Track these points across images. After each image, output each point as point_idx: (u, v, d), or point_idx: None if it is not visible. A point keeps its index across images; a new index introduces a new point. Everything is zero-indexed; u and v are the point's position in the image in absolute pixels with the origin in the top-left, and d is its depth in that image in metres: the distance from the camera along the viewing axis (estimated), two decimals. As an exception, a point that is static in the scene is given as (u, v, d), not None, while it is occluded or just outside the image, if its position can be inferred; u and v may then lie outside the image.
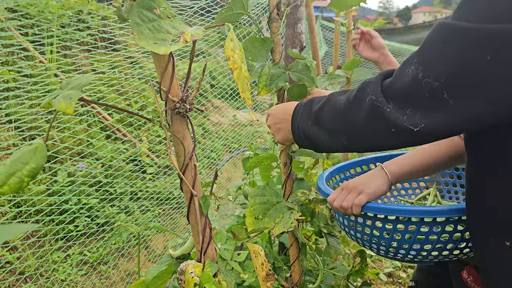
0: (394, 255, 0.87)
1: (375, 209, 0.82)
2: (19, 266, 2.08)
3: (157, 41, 0.49)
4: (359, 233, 0.88)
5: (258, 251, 0.80)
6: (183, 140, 0.63)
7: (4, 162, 0.44)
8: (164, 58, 0.58)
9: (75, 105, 0.45)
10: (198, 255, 0.68)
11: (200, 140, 4.34)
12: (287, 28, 1.90)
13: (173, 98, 0.60)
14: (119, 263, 2.61)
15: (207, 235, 0.67)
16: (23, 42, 2.71)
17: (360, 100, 0.63)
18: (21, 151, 0.46)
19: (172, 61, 0.59)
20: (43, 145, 0.47)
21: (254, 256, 0.79)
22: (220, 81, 5.10)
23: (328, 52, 6.12)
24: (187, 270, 0.64)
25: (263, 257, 0.80)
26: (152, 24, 0.51)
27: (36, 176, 0.45)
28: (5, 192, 0.42)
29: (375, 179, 0.87)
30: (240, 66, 0.54)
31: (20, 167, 0.43)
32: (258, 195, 0.94)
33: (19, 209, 1.90)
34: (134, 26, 0.49)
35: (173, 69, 0.59)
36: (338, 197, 0.86)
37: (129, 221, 2.91)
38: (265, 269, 0.79)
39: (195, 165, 0.65)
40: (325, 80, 1.51)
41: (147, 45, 0.48)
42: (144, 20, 0.50)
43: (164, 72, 0.58)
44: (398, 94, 0.59)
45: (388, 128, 0.60)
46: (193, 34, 0.51)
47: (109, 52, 3.37)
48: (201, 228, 0.66)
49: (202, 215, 0.67)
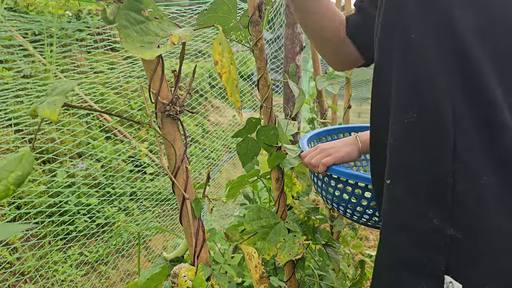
0: (351, 216, 0.94)
1: (337, 171, 0.87)
2: (19, 267, 2.08)
3: (144, 44, 0.47)
4: (328, 193, 0.94)
5: (251, 253, 0.78)
6: (174, 142, 0.62)
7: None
8: (153, 60, 0.56)
9: (60, 110, 0.45)
10: (192, 258, 0.67)
11: (200, 140, 4.34)
12: (287, 28, 1.90)
13: (163, 100, 0.59)
14: (119, 264, 2.61)
15: (200, 238, 0.66)
16: (23, 43, 2.71)
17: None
18: (7, 159, 0.45)
19: (162, 63, 0.57)
20: (29, 152, 0.46)
21: (248, 258, 0.78)
22: (220, 81, 5.10)
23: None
24: (180, 274, 0.64)
25: (257, 259, 0.78)
26: (140, 26, 0.49)
27: (22, 184, 0.45)
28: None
29: (347, 146, 0.93)
30: (228, 70, 0.52)
31: (5, 175, 0.43)
32: (254, 220, 0.89)
33: (19, 211, 1.90)
34: (121, 29, 0.47)
35: (162, 71, 0.58)
36: (310, 155, 0.92)
37: (129, 221, 2.91)
38: (259, 272, 0.78)
39: (187, 167, 0.64)
40: (325, 80, 1.51)
41: (133, 48, 0.46)
42: (132, 22, 0.48)
43: (153, 74, 0.57)
44: None
45: None
46: (181, 36, 0.49)
47: (107, 52, 3.37)
48: (194, 231, 0.65)
49: (195, 218, 0.66)
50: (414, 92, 0.52)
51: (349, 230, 1.53)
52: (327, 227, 1.55)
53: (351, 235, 1.53)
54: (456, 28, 0.49)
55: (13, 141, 2.48)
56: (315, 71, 1.85)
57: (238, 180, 1.04)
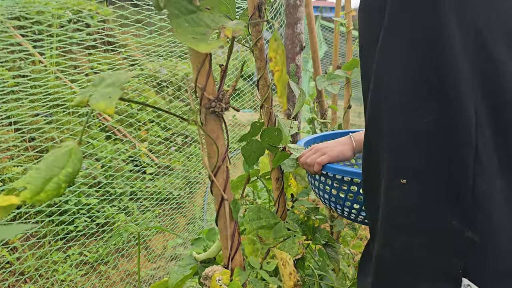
0: (348, 215, 0.94)
1: (332, 169, 0.89)
2: (19, 267, 2.08)
3: (196, 36, 0.44)
4: (325, 193, 0.95)
5: (286, 259, 0.76)
6: (217, 140, 0.60)
7: (38, 166, 0.40)
8: (201, 53, 0.53)
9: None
10: (225, 261, 0.65)
11: (200, 140, 4.34)
12: (287, 28, 1.90)
13: (209, 96, 0.56)
14: (119, 263, 2.61)
15: (235, 241, 0.64)
16: (23, 43, 2.71)
17: None
18: (54, 154, 0.41)
19: (209, 56, 0.55)
20: (77, 147, 0.42)
21: (281, 264, 0.75)
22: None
23: (327, 52, 6.11)
24: (214, 277, 0.62)
25: (292, 266, 0.76)
26: (191, 16, 0.46)
27: (72, 182, 0.41)
28: (42, 200, 0.38)
29: (341, 145, 0.95)
30: (281, 69, 0.50)
31: (56, 172, 0.39)
32: (254, 220, 0.88)
33: (19, 210, 1.90)
34: (172, 18, 0.44)
35: (209, 65, 0.55)
36: (305, 155, 0.94)
37: (129, 221, 2.91)
38: (293, 279, 0.75)
39: (227, 167, 0.62)
40: (325, 80, 1.50)
41: (185, 40, 0.43)
42: (183, 11, 0.45)
43: (201, 68, 0.54)
44: None
45: None
46: (235, 29, 0.47)
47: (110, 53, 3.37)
48: (230, 233, 0.63)
49: (232, 220, 0.63)
50: (437, 89, 0.50)
51: (349, 230, 1.53)
52: (327, 227, 1.55)
53: (351, 235, 1.53)
54: (481, 28, 0.49)
55: (12, 140, 2.48)
56: (315, 71, 1.85)
57: (238, 180, 1.03)
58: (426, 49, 0.51)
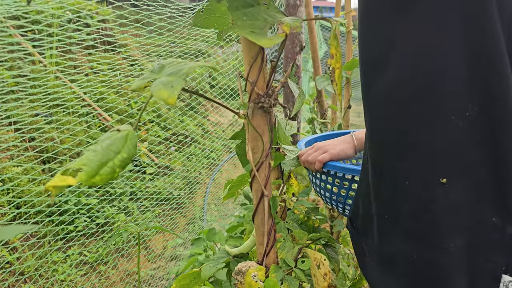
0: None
1: (333, 166, 0.88)
2: (19, 267, 2.08)
3: (254, 30, 0.44)
4: (326, 191, 0.94)
5: (321, 260, 0.74)
6: (263, 135, 0.59)
7: (94, 149, 0.39)
8: (255, 48, 0.53)
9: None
10: (259, 257, 0.64)
11: (200, 140, 4.34)
12: (287, 28, 1.90)
13: (259, 91, 0.56)
14: (119, 263, 2.61)
15: (271, 238, 0.64)
16: (22, 43, 2.71)
17: None
18: (110, 138, 0.40)
19: (262, 51, 0.54)
20: (133, 132, 0.41)
21: (315, 264, 0.74)
22: (219, 81, 5.09)
23: (327, 52, 6.11)
24: (249, 272, 0.61)
25: (327, 267, 0.75)
26: (249, 10, 0.46)
27: (125, 167, 0.40)
28: (97, 182, 0.37)
29: (342, 143, 0.95)
30: (340, 66, 0.50)
31: (112, 156, 0.38)
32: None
33: (19, 210, 1.90)
34: (232, 11, 0.44)
35: (261, 60, 0.54)
36: (307, 153, 0.94)
37: (129, 221, 2.91)
38: (328, 281, 0.74)
39: (270, 163, 0.61)
40: (325, 80, 1.50)
41: (244, 33, 0.43)
42: (241, 4, 0.45)
43: (253, 63, 0.54)
44: None
45: None
46: (292, 25, 0.46)
47: (110, 53, 3.37)
48: (267, 230, 0.63)
49: (270, 217, 0.63)
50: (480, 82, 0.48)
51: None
52: (327, 227, 1.55)
53: (351, 235, 1.53)
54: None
55: (12, 140, 2.48)
56: (315, 71, 1.85)
57: (237, 179, 1.03)
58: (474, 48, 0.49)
